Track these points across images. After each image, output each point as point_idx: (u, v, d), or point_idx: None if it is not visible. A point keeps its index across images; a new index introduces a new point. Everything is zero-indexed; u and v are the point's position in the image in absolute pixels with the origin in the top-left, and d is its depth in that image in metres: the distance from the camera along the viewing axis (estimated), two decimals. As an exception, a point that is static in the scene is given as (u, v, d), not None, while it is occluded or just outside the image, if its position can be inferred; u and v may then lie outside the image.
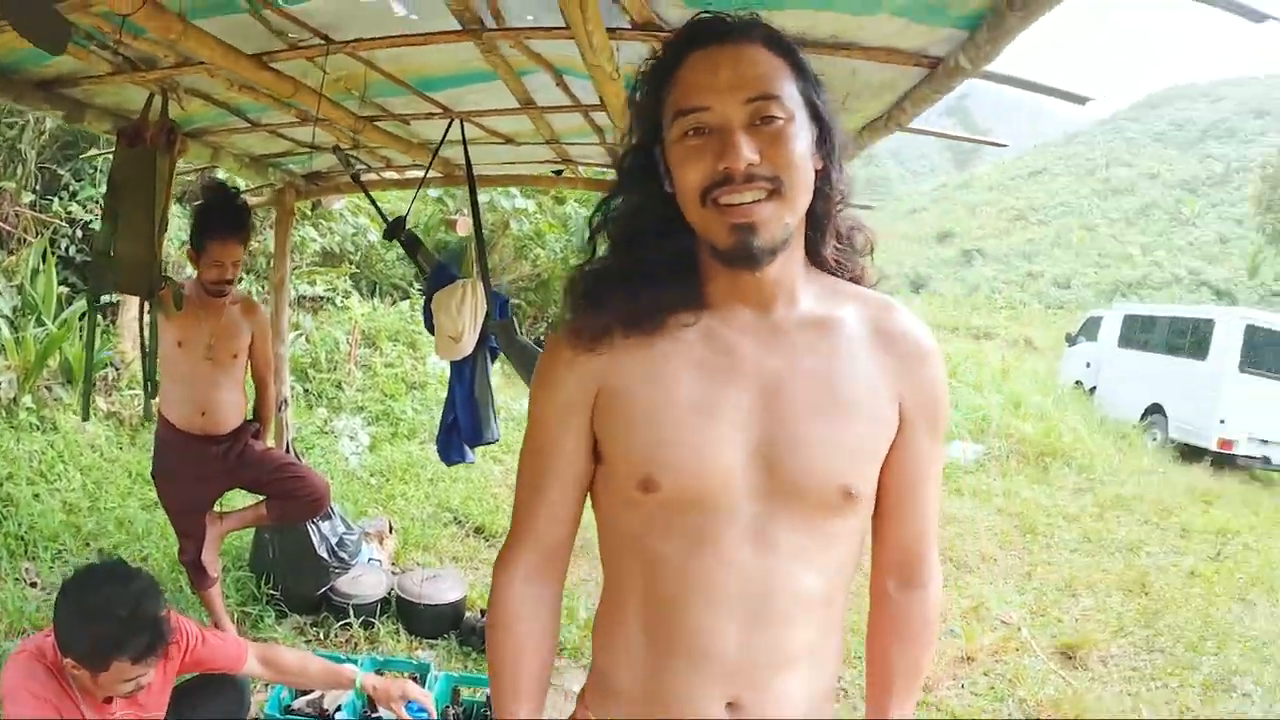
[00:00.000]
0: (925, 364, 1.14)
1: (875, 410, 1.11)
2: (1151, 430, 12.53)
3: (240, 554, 4.36)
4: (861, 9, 1.83)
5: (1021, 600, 5.71)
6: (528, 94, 2.95)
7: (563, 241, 12.12)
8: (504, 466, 6.86)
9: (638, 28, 2.09)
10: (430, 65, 2.67)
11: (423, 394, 8.02)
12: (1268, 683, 4.86)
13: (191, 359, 3.34)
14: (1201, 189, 40.98)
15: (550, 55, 2.50)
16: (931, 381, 1.15)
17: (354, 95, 2.91)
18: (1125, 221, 39.68)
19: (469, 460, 3.96)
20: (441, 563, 4.90)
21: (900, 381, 1.13)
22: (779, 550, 1.07)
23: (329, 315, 8.78)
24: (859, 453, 1.10)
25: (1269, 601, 6.41)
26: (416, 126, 3.50)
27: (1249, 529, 8.53)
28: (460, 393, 3.78)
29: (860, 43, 2.04)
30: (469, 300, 3.55)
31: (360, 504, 5.57)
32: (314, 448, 6.41)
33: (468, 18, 2.14)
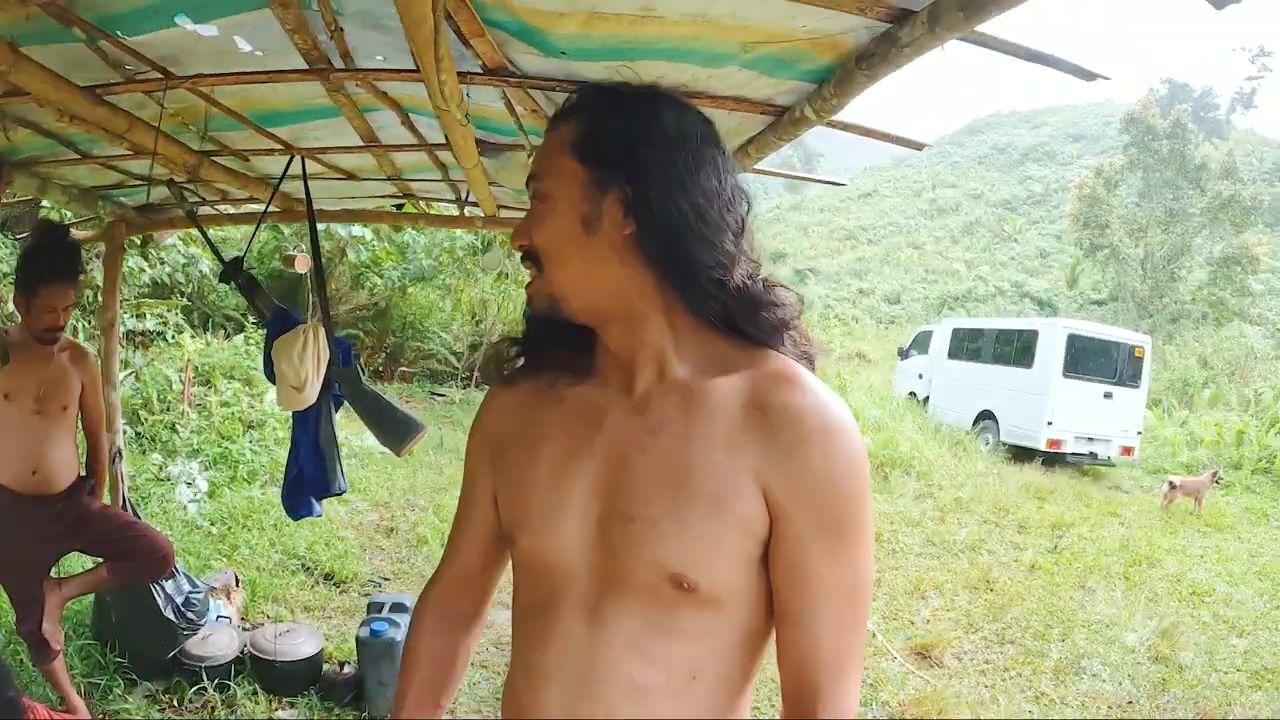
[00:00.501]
0: (805, 447, 0.95)
1: (722, 496, 0.97)
2: (984, 435, 13.42)
3: (80, 620, 4.03)
4: (712, 62, 1.86)
5: (873, 606, 5.92)
6: (372, 132, 2.87)
7: (400, 269, 11.90)
8: (350, 508, 6.63)
9: (489, 72, 2.06)
10: (272, 101, 2.56)
11: (261, 434, 7.65)
12: (1114, 662, 5.27)
13: (20, 413, 3.08)
14: (1022, 208, 44.18)
15: (397, 94, 2.44)
16: (815, 470, 0.95)
17: (192, 130, 2.76)
18: (951, 239, 42.28)
19: (316, 513, 3.80)
20: (293, 615, 4.67)
21: (768, 467, 0.96)
22: (608, 632, 1.01)
23: (160, 351, 8.26)
24: (697, 541, 0.97)
25: (1106, 586, 6.95)
26: (256, 162, 3.35)
27: (1082, 520, 9.25)
28: (305, 443, 3.60)
29: (710, 92, 2.07)
30: (311, 347, 3.36)
31: (203, 556, 5.24)
32: (150, 497, 5.99)
33: (315, 56, 2.07)
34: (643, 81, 1.09)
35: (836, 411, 0.97)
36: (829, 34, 1.65)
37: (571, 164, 1.02)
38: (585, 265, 1.03)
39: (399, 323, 12.49)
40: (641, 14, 1.60)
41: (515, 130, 2.57)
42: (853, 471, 0.96)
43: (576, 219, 1.02)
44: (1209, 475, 10.46)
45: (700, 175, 1.00)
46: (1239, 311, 26.34)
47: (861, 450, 0.98)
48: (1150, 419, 15.30)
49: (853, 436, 0.97)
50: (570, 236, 1.02)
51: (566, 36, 1.74)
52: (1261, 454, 13.16)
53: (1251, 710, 4.83)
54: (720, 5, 1.55)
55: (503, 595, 1.29)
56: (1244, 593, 7.23)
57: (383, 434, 3.41)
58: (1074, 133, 54.74)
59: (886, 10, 1.51)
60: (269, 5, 1.74)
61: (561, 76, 2.05)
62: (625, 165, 1.00)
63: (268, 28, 1.89)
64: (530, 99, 2.23)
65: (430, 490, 7.55)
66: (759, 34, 1.68)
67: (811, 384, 0.99)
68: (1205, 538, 9.25)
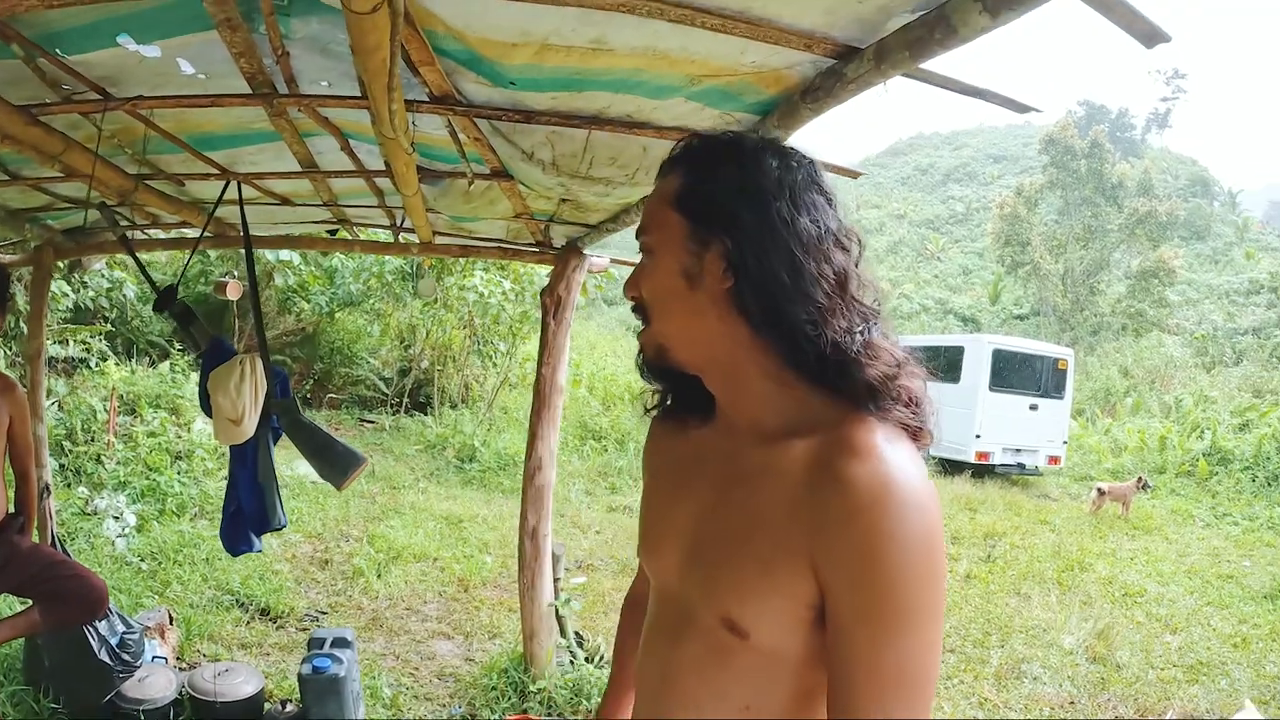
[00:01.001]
0: (851, 523, 0.90)
1: (773, 560, 0.97)
2: (912, 450, 13.66)
3: (11, 665, 3.86)
4: (657, 94, 1.88)
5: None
6: (311, 157, 2.83)
7: (328, 294, 11.72)
8: (283, 540, 6.48)
9: (435, 100, 2.06)
10: (208, 124, 2.52)
11: (189, 465, 7.41)
12: (1054, 664, 5.42)
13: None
14: (945, 227, 45.41)
15: (338, 120, 2.42)
16: (857, 547, 0.90)
17: (127, 153, 2.70)
18: (876, 259, 43.09)
19: (256, 549, 3.70)
20: (231, 653, 4.52)
21: (817, 539, 0.94)
22: (680, 652, 1.08)
23: (84, 380, 7.98)
24: (747, 596, 0.99)
25: (1041, 592, 7.13)
26: (190, 186, 3.28)
27: (1014, 529, 9.49)
28: (243, 478, 3.50)
29: (654, 122, 2.09)
30: (249, 378, 3.27)
31: (134, 594, 5.06)
32: (76, 532, 5.77)
33: (259, 81, 2.04)
34: (741, 131, 1.19)
35: (898, 485, 0.91)
36: (775, 68, 1.69)
37: (674, 217, 1.06)
38: (688, 318, 1.06)
39: (326, 349, 12.25)
40: (593, 46, 1.62)
41: (457, 158, 2.56)
42: (904, 550, 0.89)
43: (679, 272, 1.05)
44: (1135, 482, 10.81)
45: (799, 226, 1.01)
46: (1157, 322, 27.36)
47: (924, 530, 0.90)
48: (1075, 428, 15.80)
49: (912, 514, 0.90)
50: (673, 290, 1.06)
51: (517, 67, 1.74)
52: (1184, 458, 13.65)
53: (1190, 703, 5.02)
54: (670, 39, 1.58)
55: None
56: (1175, 591, 7.50)
57: (323, 467, 3.34)
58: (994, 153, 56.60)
59: (832, 47, 1.55)
60: (216, 28, 1.71)
61: (508, 106, 2.05)
62: (724, 219, 1.02)
63: (212, 50, 1.86)
64: (474, 127, 2.23)
65: (364, 520, 7.40)
66: (706, 68, 1.71)
67: (879, 453, 0.93)
68: (1134, 540, 9.56)
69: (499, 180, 2.76)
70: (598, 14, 1.47)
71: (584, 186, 2.37)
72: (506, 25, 1.58)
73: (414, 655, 4.76)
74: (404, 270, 11.53)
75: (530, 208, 3.23)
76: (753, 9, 1.45)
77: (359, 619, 5.24)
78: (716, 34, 1.52)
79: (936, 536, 0.92)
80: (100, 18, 1.71)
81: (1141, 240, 29.27)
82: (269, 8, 1.65)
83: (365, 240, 4.63)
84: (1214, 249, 39.18)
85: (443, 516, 7.72)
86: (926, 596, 0.90)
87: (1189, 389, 19.82)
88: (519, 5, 1.46)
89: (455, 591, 5.89)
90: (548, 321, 4.07)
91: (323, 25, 1.74)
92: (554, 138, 2.15)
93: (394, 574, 6.03)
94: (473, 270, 11.00)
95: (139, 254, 3.89)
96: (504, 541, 7.00)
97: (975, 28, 1.24)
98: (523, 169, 2.34)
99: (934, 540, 0.91)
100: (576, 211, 3.18)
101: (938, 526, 0.92)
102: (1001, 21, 1.22)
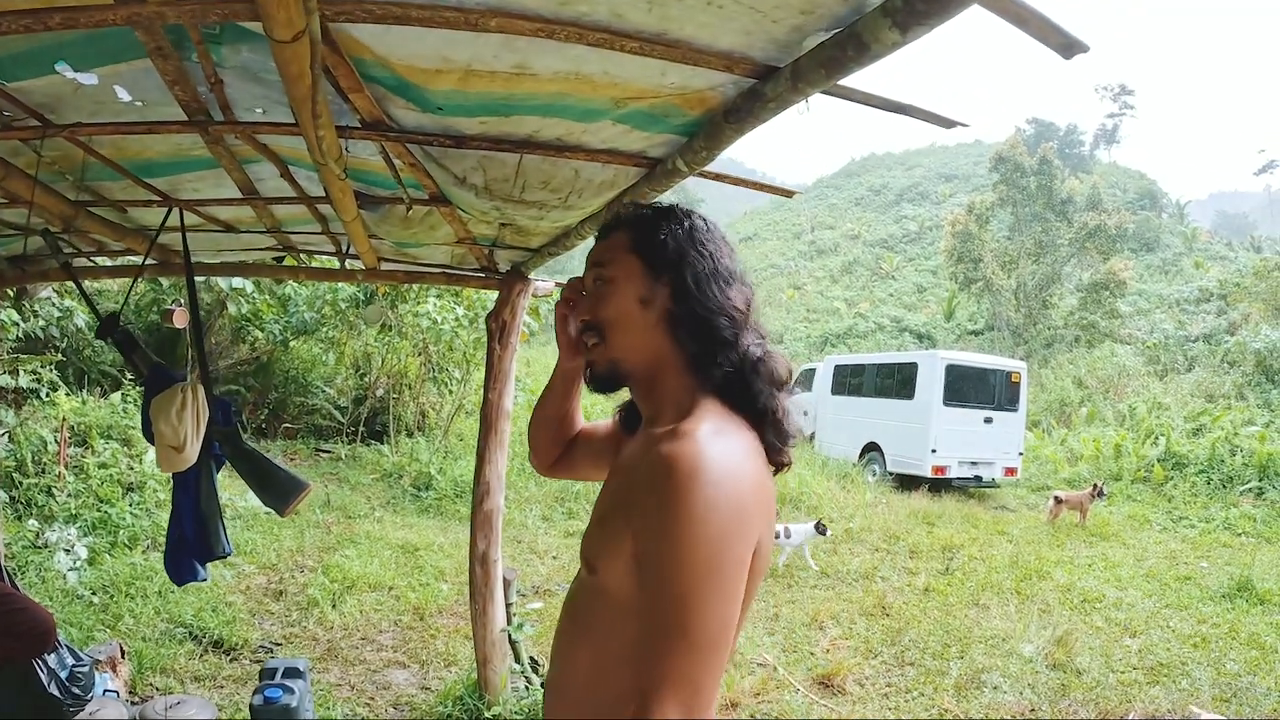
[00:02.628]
0: (649, 489, 1.14)
1: (612, 513, 1.28)
2: (870, 467, 13.87)
3: (-46, 700, 3.75)
4: (584, 118, 1.91)
5: (773, 640, 6.02)
6: (251, 184, 2.82)
7: (282, 323, 11.59)
8: (236, 572, 6.40)
9: (367, 127, 2.07)
10: (150, 151, 2.51)
11: (141, 496, 7.29)
12: (1014, 673, 5.49)
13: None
14: (898, 246, 46.04)
15: (276, 146, 2.42)
16: (651, 507, 1.13)
17: (68, 179, 2.68)
18: (830, 279, 43.77)
19: (202, 578, 3.66)
20: (183, 686, 4.46)
21: (631, 498, 1.21)
22: (576, 596, 1.40)
23: (34, 410, 7.81)
24: (597, 534, 1.30)
25: (1000, 602, 7.22)
26: (133, 213, 3.25)
27: (971, 541, 9.59)
28: (186, 506, 3.47)
29: (585, 145, 2.12)
30: (190, 406, 3.25)
31: (85, 627, 4.97)
32: (27, 565, 5.65)
33: (194, 108, 2.05)
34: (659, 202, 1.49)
35: (697, 463, 1.12)
36: (697, 90, 1.72)
37: (632, 259, 1.37)
38: (639, 335, 1.36)
39: (281, 377, 12.08)
40: (515, 71, 1.65)
41: (394, 184, 2.58)
42: (688, 516, 1.09)
43: (637, 298, 1.36)
44: (1091, 490, 10.98)
45: (720, 265, 1.35)
46: (1109, 333, 27.86)
47: (711, 502, 1.11)
48: (1031, 439, 16.04)
49: (701, 488, 1.11)
50: (631, 313, 1.36)
51: (443, 93, 1.77)
52: (1139, 464, 13.93)
53: (1151, 704, 5.10)
54: (591, 64, 1.61)
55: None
56: (1133, 595, 7.64)
57: (266, 494, 3.32)
58: (946, 172, 57.60)
59: (751, 67, 1.60)
60: (149, 55, 1.72)
61: (438, 131, 2.07)
62: (672, 260, 1.34)
63: (147, 78, 1.87)
64: (408, 153, 2.25)
65: (319, 550, 7.32)
66: (630, 90, 1.74)
67: (694, 436, 1.16)
68: (1091, 547, 9.73)
69: (438, 205, 2.78)
70: (519, 40, 1.50)
71: (518, 210, 2.39)
72: (429, 53, 1.60)
73: (369, 685, 4.71)
74: (358, 298, 11.42)
75: (472, 232, 3.24)
76: (670, 31, 1.48)
77: (314, 649, 5.18)
78: (637, 57, 1.55)
79: (732, 511, 1.12)
80: (38, 45, 1.71)
81: (1092, 253, 29.83)
82: (198, 36, 1.66)
83: (310, 267, 4.60)
84: (1163, 259, 40.07)
85: (399, 545, 7.65)
86: (706, 559, 1.09)
87: (1142, 397, 20.21)
88: (440, 33, 1.48)
89: (411, 620, 5.84)
90: (493, 346, 4.08)
91: (253, 53, 1.75)
92: (485, 162, 2.17)
93: (349, 604, 5.96)
94: (425, 297, 10.95)
95: (83, 281, 3.85)
96: (460, 569, 6.94)
97: (886, 43, 1.28)
98: (457, 194, 2.36)
99: (726, 513, 1.11)
100: (518, 236, 3.20)
101: (735, 503, 1.12)
102: (912, 37, 1.26)
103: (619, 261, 1.38)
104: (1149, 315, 30.97)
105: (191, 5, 1.44)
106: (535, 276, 4.07)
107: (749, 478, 1.18)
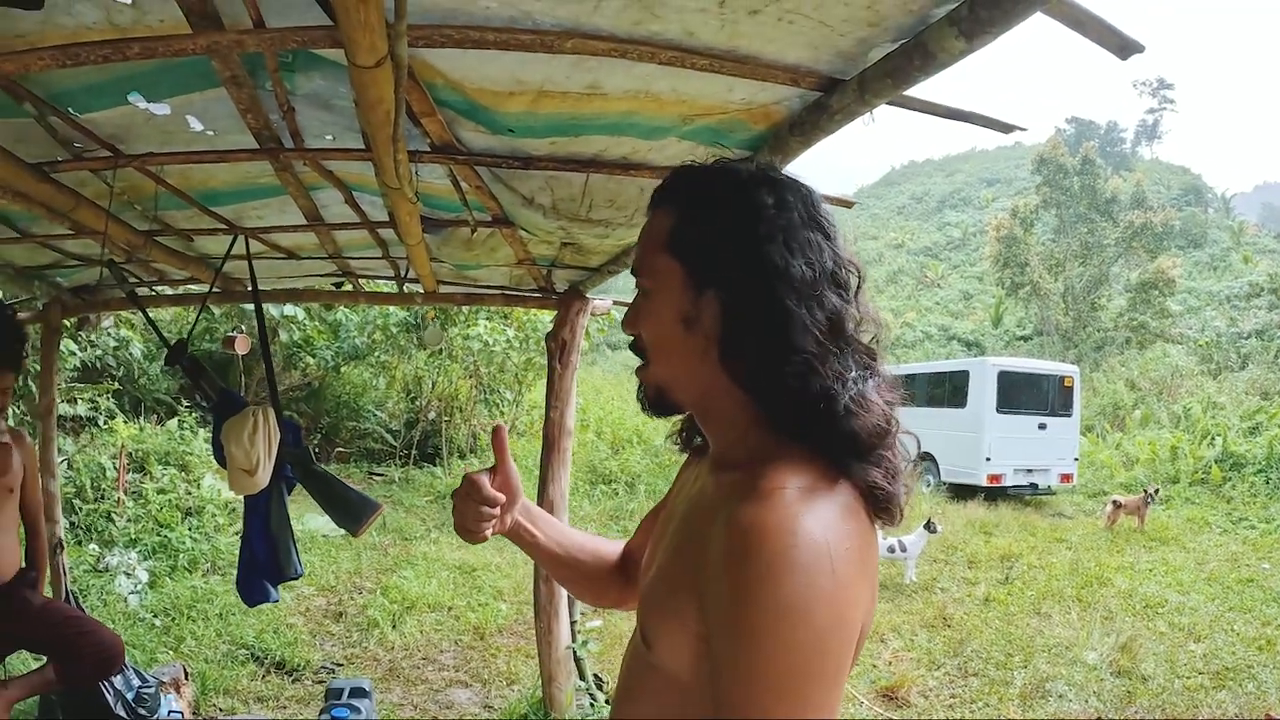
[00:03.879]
0: (724, 568, 0.87)
1: (677, 584, 0.98)
2: (924, 477, 13.68)
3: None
4: (651, 135, 1.93)
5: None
6: (316, 210, 2.89)
7: (333, 348, 11.77)
8: (296, 594, 6.48)
9: (436, 150, 2.11)
10: (215, 180, 2.57)
11: (200, 521, 7.43)
12: (1078, 681, 5.40)
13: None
14: (943, 253, 45.56)
15: (342, 173, 2.47)
16: (725, 594, 0.87)
17: (136, 209, 2.74)
18: (876, 289, 43.23)
19: (273, 599, 3.68)
20: (247, 707, 4.53)
21: (700, 574, 0.93)
22: (626, 660, 1.12)
23: (92, 438, 8.02)
24: (654, 604, 1.03)
25: (1061, 610, 7.10)
26: (198, 241, 3.34)
27: (1030, 549, 9.43)
28: (256, 528, 3.51)
29: (650, 163, 2.14)
30: (262, 429, 3.29)
31: (148, 649, 5.07)
32: (89, 589, 5.79)
33: (265, 136, 2.09)
34: (733, 157, 1.11)
35: (780, 539, 0.85)
36: (763, 104, 1.74)
37: (670, 263, 1.03)
38: (684, 361, 1.04)
39: (333, 402, 12.28)
40: (588, 92, 1.67)
41: (460, 206, 2.62)
42: (765, 609, 0.83)
43: (678, 318, 1.02)
44: (1143, 496, 10.75)
45: (792, 271, 0.96)
46: (1160, 333, 27.30)
47: (795, 594, 0.83)
48: (1085, 445, 15.74)
49: (785, 574, 0.83)
50: (671, 334, 1.03)
51: (514, 114, 1.79)
52: (1197, 466, 13.59)
53: (1218, 709, 5.00)
54: (661, 82, 1.63)
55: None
56: (1195, 599, 7.47)
57: (338, 515, 3.36)
58: (987, 177, 56.93)
59: (817, 80, 1.60)
60: (223, 84, 1.76)
61: (507, 153, 2.11)
62: (718, 267, 0.99)
63: (219, 107, 1.92)
64: (475, 175, 2.29)
65: (376, 572, 7.41)
66: (697, 107, 1.76)
67: (778, 500, 0.88)
68: (1151, 552, 9.52)
69: (500, 227, 2.81)
70: (591, 60, 1.52)
71: (584, 229, 2.42)
72: (502, 75, 1.63)
73: (432, 704, 4.74)
74: (408, 322, 11.57)
75: (532, 253, 3.28)
76: (739, 48, 1.50)
77: (375, 670, 5.23)
78: (705, 74, 1.57)
79: (833, 603, 0.85)
80: (110, 76, 1.75)
81: (1139, 252, 29.33)
82: (274, 64, 1.70)
83: (370, 292, 4.68)
84: (1211, 255, 39.25)
85: (455, 566, 7.70)
86: (800, 668, 0.84)
87: (1196, 397, 19.75)
88: (514, 55, 1.51)
89: (471, 640, 5.87)
90: (554, 366, 4.11)
91: (325, 80, 1.79)
92: (553, 182, 2.20)
93: (409, 624, 6.01)
94: (476, 319, 11.05)
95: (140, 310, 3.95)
96: (518, 588, 6.98)
97: (953, 53, 1.29)
98: (524, 214, 2.39)
99: (827, 607, 0.84)
100: (577, 255, 3.23)
101: (836, 591, 0.85)
102: (978, 45, 1.25)
103: (655, 264, 1.05)
104: (1199, 313, 30.33)
105: (271, 34, 1.47)
106: (592, 295, 4.09)
107: (851, 550, 0.89)
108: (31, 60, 1.55)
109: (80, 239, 3.07)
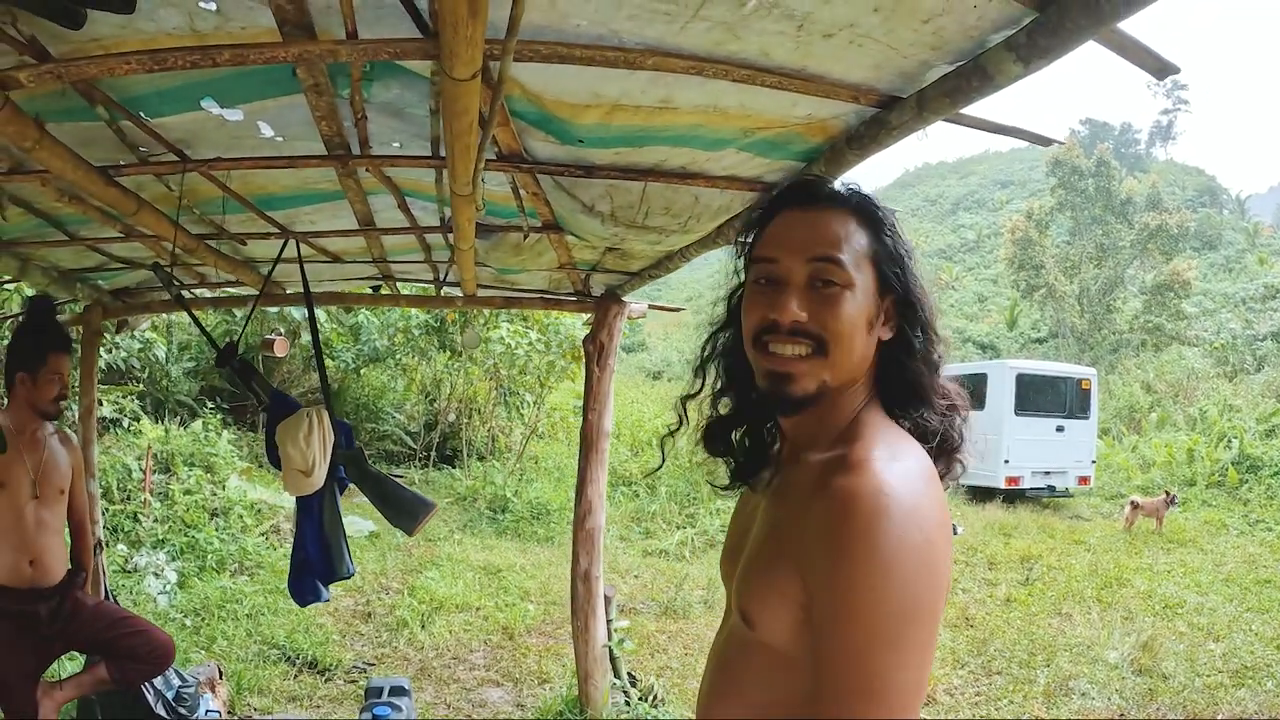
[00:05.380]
0: (827, 534, 0.95)
1: (775, 560, 1.06)
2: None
3: (64, 719, 3.91)
4: (711, 146, 2.01)
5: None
6: (370, 215, 2.95)
7: (353, 351, 11.84)
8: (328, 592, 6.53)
9: (503, 158, 2.18)
10: (273, 185, 2.61)
11: (226, 521, 7.51)
12: (1100, 680, 5.46)
13: (15, 501, 2.96)
14: (957, 255, 45.47)
15: (398, 179, 2.54)
16: (829, 557, 0.94)
17: (195, 212, 2.79)
18: (891, 292, 43.01)
19: (324, 599, 3.73)
20: (282, 706, 4.60)
21: (801, 545, 1.01)
22: (720, 645, 1.19)
23: (118, 439, 8.11)
24: (754, 592, 1.09)
25: (1082, 610, 7.14)
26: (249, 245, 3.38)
27: (1049, 551, 9.46)
28: (310, 528, 3.54)
29: (706, 173, 2.21)
30: (317, 430, 3.32)
31: (182, 649, 5.08)
32: (118, 589, 5.82)
33: (336, 143, 2.14)
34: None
35: (882, 499, 0.94)
36: (822, 119, 1.81)
37: (869, 268, 1.13)
38: (860, 361, 1.13)
39: (352, 404, 12.34)
40: (660, 106, 1.75)
41: (514, 212, 2.68)
42: (875, 565, 0.91)
43: (869, 318, 1.12)
44: (1163, 498, 10.74)
45: (924, 279, 1.18)
46: (1176, 335, 27.17)
47: (903, 545, 0.92)
48: (1102, 447, 15.69)
49: (891, 528, 0.92)
50: (861, 332, 1.11)
51: (586, 126, 1.87)
52: (1213, 468, 13.54)
53: (1238, 706, 5.05)
54: (730, 97, 1.70)
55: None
56: (1214, 600, 7.50)
57: (394, 514, 3.39)
58: (1001, 179, 56.79)
59: (876, 97, 1.68)
60: (304, 92, 1.80)
61: (570, 162, 2.18)
62: (895, 278, 1.14)
63: (292, 113, 1.96)
64: (535, 183, 2.36)
65: (402, 573, 7.48)
66: (760, 121, 1.83)
67: (872, 467, 0.98)
68: (1169, 554, 9.53)
69: (549, 232, 2.88)
70: (668, 76, 1.60)
71: (640, 235, 2.49)
72: (580, 89, 1.70)
73: (465, 704, 4.81)
74: (429, 324, 11.64)
75: (575, 258, 3.35)
76: (809, 67, 1.57)
77: (407, 669, 5.29)
78: (773, 90, 1.64)
79: (922, 553, 0.93)
80: (185, 82, 1.78)
81: (1154, 254, 29.21)
82: (357, 73, 1.75)
83: (410, 295, 4.74)
84: (1226, 257, 39.09)
85: (480, 566, 7.78)
86: (898, 612, 0.91)
87: (1212, 399, 19.63)
88: (596, 70, 1.58)
89: (500, 639, 5.94)
90: (591, 368, 4.18)
91: (403, 90, 1.85)
92: (613, 190, 2.27)
93: (438, 624, 6.09)
94: (498, 322, 11.12)
95: (175, 314, 3.99)
96: (544, 589, 7.05)
97: (1010, 75, 1.36)
98: (581, 220, 2.45)
99: (917, 557, 0.92)
100: (620, 260, 3.30)
101: (925, 544, 0.93)
102: (1034, 69, 1.33)
103: (860, 269, 1.11)
104: (1215, 315, 30.12)
105: (365, 45, 1.50)
106: (628, 299, 4.15)
107: (936, 508, 0.99)
108: (117, 64, 1.56)
109: (128, 242, 3.11)
